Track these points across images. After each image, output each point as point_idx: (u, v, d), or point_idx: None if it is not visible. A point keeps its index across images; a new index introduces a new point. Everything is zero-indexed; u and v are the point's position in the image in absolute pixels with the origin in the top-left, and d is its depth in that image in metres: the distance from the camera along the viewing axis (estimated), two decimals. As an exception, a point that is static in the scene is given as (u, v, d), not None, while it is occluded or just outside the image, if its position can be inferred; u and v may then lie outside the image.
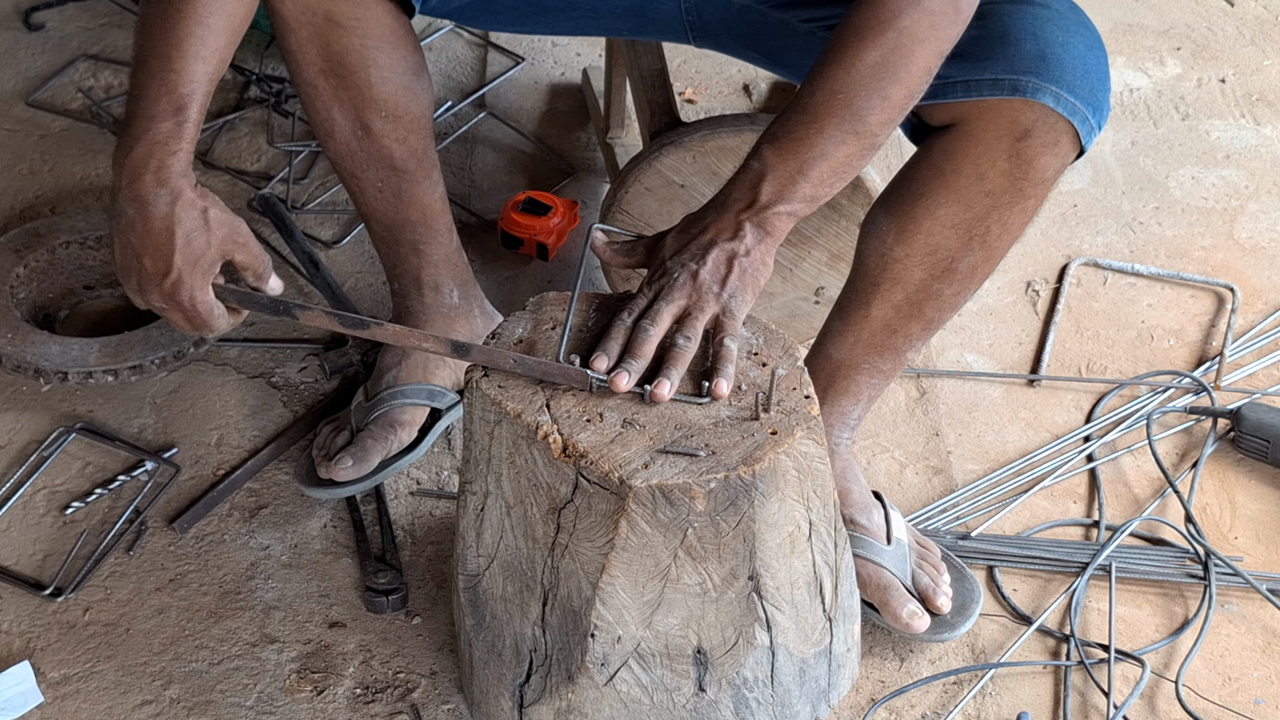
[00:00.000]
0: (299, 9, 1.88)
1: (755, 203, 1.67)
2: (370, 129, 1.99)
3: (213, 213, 1.67)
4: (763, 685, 1.74)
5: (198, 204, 1.66)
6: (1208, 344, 2.46)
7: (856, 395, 1.99)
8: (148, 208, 1.64)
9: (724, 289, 1.65)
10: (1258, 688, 1.98)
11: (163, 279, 1.67)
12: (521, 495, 1.66)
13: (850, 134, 1.66)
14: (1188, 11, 3.21)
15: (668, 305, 1.64)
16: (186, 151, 1.66)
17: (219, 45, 1.68)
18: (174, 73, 1.65)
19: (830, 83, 1.66)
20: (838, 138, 1.66)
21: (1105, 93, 1.78)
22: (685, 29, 2.04)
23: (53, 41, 3.00)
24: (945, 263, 1.85)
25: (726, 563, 1.63)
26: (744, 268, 1.66)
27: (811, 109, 1.66)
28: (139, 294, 1.70)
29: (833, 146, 1.66)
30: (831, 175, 1.68)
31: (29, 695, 1.90)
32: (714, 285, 1.65)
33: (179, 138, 1.65)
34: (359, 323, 1.72)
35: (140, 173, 1.64)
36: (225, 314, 1.72)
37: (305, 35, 1.91)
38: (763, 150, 1.68)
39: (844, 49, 1.66)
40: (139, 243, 1.66)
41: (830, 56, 1.67)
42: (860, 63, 1.65)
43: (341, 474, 2.08)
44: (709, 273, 1.65)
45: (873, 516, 1.98)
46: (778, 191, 1.66)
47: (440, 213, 2.12)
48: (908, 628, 1.93)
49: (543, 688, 1.75)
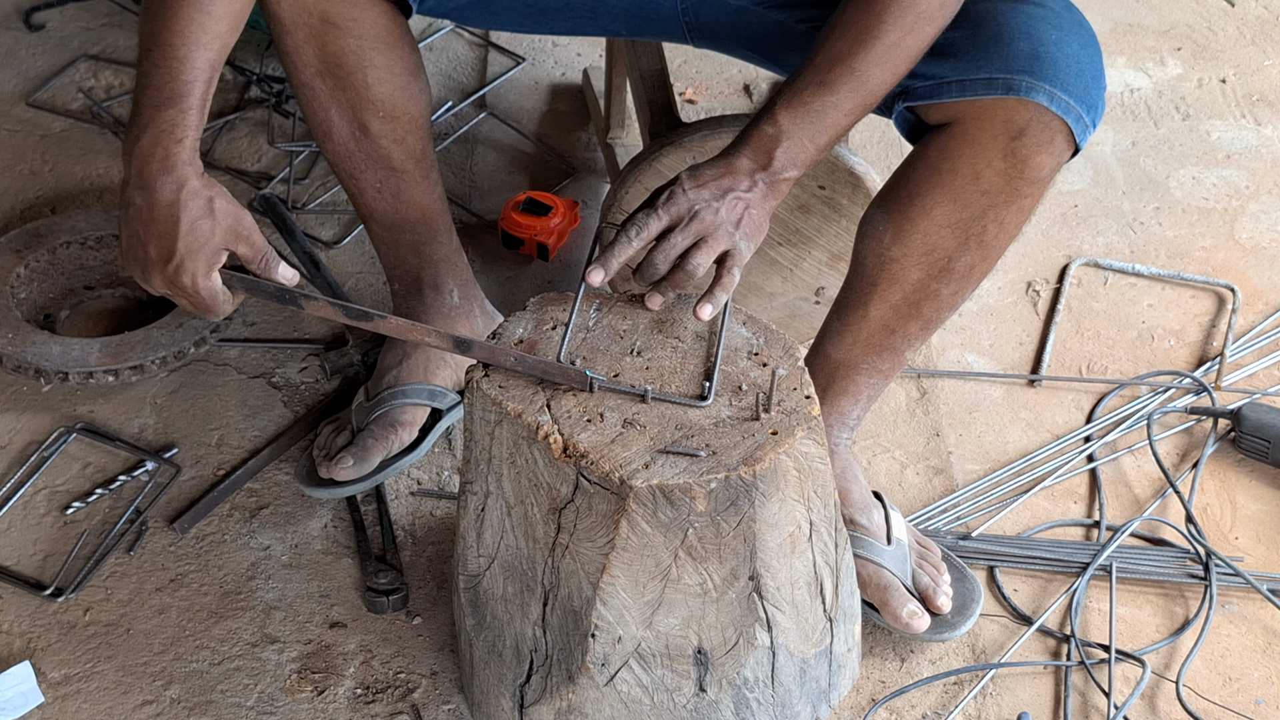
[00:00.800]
0: (295, 10, 1.88)
1: (769, 166, 1.72)
2: (368, 129, 1.99)
3: (218, 202, 1.68)
4: (763, 685, 1.74)
5: (203, 192, 1.67)
6: (1208, 344, 2.46)
7: (855, 395, 1.99)
8: (153, 195, 1.65)
9: (737, 230, 1.70)
10: (1258, 688, 1.98)
11: (166, 265, 1.68)
12: (522, 495, 1.66)
13: (860, 106, 1.74)
14: (1188, 12, 3.21)
15: (684, 230, 1.68)
16: (192, 139, 1.67)
17: (221, 31, 1.69)
18: (177, 60, 1.66)
19: (849, 59, 1.71)
20: (848, 108, 1.73)
21: (1100, 91, 1.78)
22: (683, 29, 2.05)
23: (53, 42, 3.00)
24: (942, 262, 1.86)
25: (727, 563, 1.63)
26: (753, 219, 1.71)
27: (829, 82, 1.71)
28: (144, 279, 1.71)
29: (843, 116, 1.74)
30: (835, 141, 1.76)
31: (29, 695, 1.90)
32: (730, 224, 1.69)
33: (184, 125, 1.66)
34: (363, 314, 1.72)
35: (147, 161, 1.65)
36: (230, 299, 1.73)
37: (301, 36, 1.91)
38: (778, 115, 1.72)
39: (865, 27, 1.71)
40: (144, 230, 1.67)
41: (850, 32, 1.72)
42: (879, 42, 1.71)
43: (342, 474, 2.08)
44: (727, 211, 1.69)
45: (873, 516, 1.98)
46: (790, 158, 1.72)
47: (440, 213, 2.12)
48: (908, 628, 1.93)
49: (543, 688, 1.75)
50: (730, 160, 1.72)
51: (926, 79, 1.77)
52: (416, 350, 2.17)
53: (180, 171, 1.65)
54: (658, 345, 1.71)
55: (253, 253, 1.71)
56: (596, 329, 1.72)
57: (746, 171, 1.71)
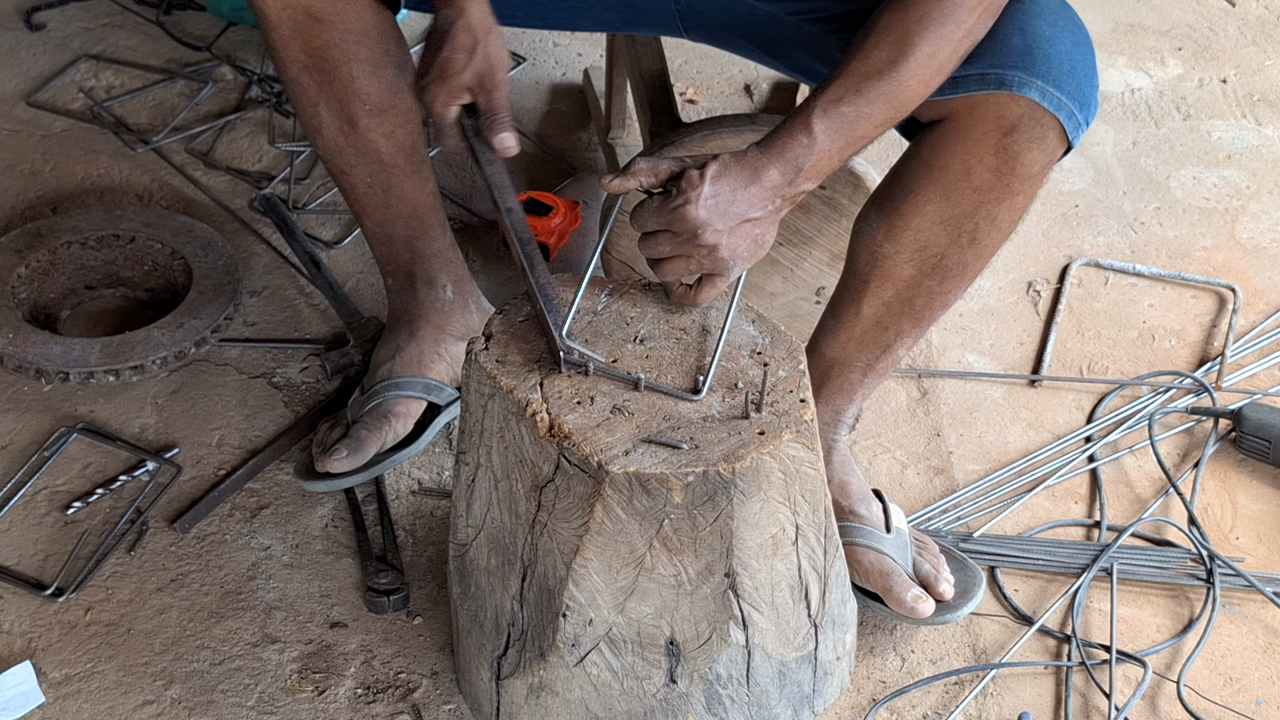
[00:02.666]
0: (280, 5, 1.90)
1: (795, 180, 1.68)
2: (356, 124, 2.00)
3: (485, 45, 1.75)
4: (737, 683, 1.74)
5: (476, 29, 1.75)
6: (1209, 344, 2.46)
7: (850, 393, 1.99)
8: (438, 18, 1.78)
9: (735, 263, 1.68)
10: (1259, 688, 1.98)
11: (420, 79, 1.78)
12: (509, 470, 1.67)
13: (890, 119, 1.71)
14: (1189, 12, 3.21)
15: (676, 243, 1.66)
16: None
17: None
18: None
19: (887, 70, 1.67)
20: (879, 120, 1.70)
21: (1092, 89, 1.78)
22: (676, 20, 2.05)
23: (54, 41, 3.00)
24: (934, 259, 1.86)
25: (703, 557, 1.63)
26: (758, 241, 1.69)
27: (867, 94, 1.68)
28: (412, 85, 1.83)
29: (873, 129, 1.70)
30: (856, 154, 1.73)
31: (30, 695, 1.90)
32: (730, 259, 1.67)
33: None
34: None
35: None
36: (457, 138, 1.80)
37: (287, 31, 1.92)
38: (814, 124, 1.67)
39: (904, 35, 1.67)
40: (426, 43, 1.79)
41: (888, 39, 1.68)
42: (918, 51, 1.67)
43: (336, 465, 2.08)
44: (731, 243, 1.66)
45: (871, 507, 1.99)
46: (817, 171, 1.69)
47: (432, 208, 2.12)
48: (913, 612, 1.92)
49: (518, 662, 1.76)
50: (759, 172, 1.67)
51: None
52: (410, 344, 2.17)
53: (463, 4, 1.76)
54: (662, 335, 1.71)
55: (487, 107, 1.76)
56: (605, 313, 1.72)
57: (772, 187, 1.67)
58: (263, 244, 2.56)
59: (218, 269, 2.42)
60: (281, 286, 2.49)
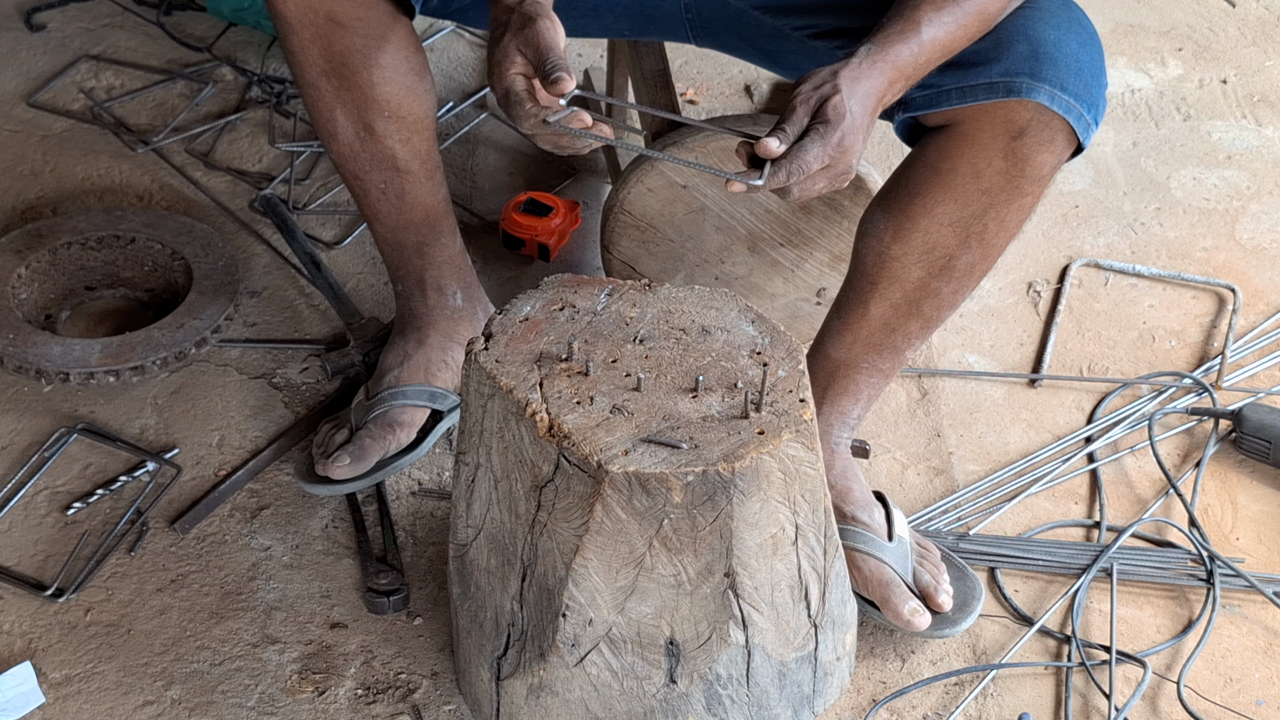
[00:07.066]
0: (301, 10, 1.89)
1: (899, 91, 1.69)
2: (373, 130, 1.99)
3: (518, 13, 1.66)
4: (737, 683, 1.74)
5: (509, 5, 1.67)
6: (1209, 345, 2.46)
7: (856, 394, 1.99)
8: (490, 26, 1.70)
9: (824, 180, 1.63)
10: (1259, 689, 1.98)
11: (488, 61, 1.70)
12: (508, 470, 1.67)
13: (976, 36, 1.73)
14: (1189, 12, 3.21)
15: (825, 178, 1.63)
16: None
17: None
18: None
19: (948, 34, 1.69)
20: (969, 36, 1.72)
21: (1101, 89, 1.78)
22: (685, 27, 2.05)
23: (54, 42, 3.00)
24: (943, 261, 1.86)
25: (702, 557, 1.63)
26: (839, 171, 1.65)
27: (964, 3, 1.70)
28: None
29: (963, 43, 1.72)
30: None
31: (30, 696, 1.90)
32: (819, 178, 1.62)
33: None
34: None
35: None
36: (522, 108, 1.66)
37: (307, 36, 1.91)
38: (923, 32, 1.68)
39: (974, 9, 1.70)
40: None
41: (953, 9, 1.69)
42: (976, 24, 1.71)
43: (338, 471, 2.08)
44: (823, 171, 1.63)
45: (874, 514, 1.99)
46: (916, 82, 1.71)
47: (444, 214, 2.12)
48: (909, 625, 1.93)
49: (518, 662, 1.76)
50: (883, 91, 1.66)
51: (926, 88, 1.77)
52: (418, 351, 2.17)
53: None
54: (661, 336, 1.71)
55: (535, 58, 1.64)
56: (604, 314, 1.72)
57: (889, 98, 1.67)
58: (263, 244, 2.56)
59: (218, 269, 2.42)
60: (281, 287, 2.49)
